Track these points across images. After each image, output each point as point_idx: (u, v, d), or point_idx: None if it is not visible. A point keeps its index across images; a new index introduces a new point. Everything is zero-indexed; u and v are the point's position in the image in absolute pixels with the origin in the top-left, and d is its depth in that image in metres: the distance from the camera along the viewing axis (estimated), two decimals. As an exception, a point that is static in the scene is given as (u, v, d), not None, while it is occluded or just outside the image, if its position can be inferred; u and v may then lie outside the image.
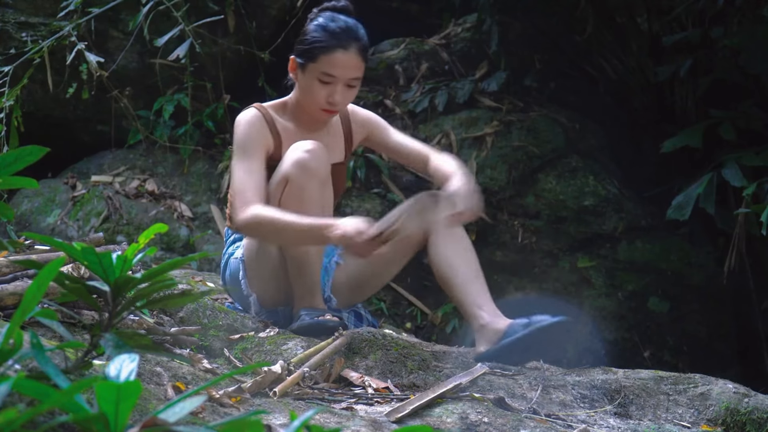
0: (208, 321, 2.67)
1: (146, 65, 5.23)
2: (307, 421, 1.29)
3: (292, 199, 2.84)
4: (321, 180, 2.86)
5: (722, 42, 5.05)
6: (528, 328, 2.66)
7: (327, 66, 2.87)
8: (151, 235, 1.81)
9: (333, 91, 2.88)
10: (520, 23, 5.82)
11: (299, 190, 2.82)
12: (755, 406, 2.47)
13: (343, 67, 2.87)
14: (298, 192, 2.82)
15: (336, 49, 2.87)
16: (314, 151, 2.85)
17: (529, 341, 2.63)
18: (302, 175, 2.82)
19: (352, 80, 2.91)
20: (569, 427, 2.27)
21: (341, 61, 2.87)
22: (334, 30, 2.90)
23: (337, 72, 2.87)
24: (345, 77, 2.88)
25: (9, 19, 5.11)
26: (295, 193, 2.82)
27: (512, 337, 2.66)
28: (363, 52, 2.92)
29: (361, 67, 2.91)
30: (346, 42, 2.88)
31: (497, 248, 4.98)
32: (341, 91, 2.89)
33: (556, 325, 2.66)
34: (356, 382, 2.43)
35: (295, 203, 2.83)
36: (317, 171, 2.84)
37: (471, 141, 5.41)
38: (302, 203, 2.82)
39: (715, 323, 5.04)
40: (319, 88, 2.90)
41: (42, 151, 1.72)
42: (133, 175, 5.20)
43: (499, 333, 2.71)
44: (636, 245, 5.15)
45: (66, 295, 1.78)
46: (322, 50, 2.88)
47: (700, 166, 4.93)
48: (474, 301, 2.80)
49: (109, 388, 1.21)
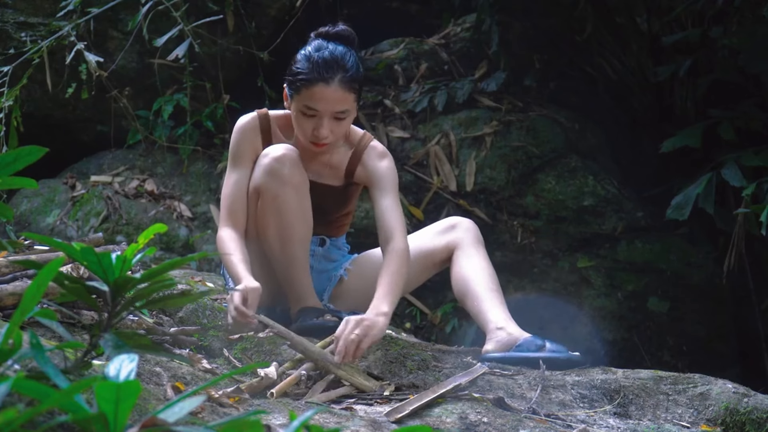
0: (207, 321, 2.67)
1: (145, 65, 5.22)
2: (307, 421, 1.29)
3: (267, 210, 2.83)
4: (295, 186, 2.81)
5: (722, 42, 5.05)
6: (540, 351, 2.68)
7: (308, 100, 2.77)
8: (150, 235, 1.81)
9: (318, 125, 2.78)
10: (520, 23, 5.82)
11: (273, 199, 2.79)
12: (755, 405, 2.47)
13: (324, 102, 2.76)
14: (272, 202, 2.80)
15: (317, 83, 2.75)
16: (284, 157, 2.80)
17: (535, 363, 2.64)
18: (274, 183, 2.79)
19: (338, 113, 2.78)
20: (569, 427, 2.27)
21: (322, 94, 2.75)
22: (317, 61, 2.77)
23: (319, 106, 2.76)
24: (328, 111, 2.77)
25: (8, 19, 5.11)
26: (269, 204, 2.81)
27: (523, 353, 2.69)
28: (349, 84, 2.77)
29: (347, 99, 2.78)
30: (327, 75, 2.75)
31: (497, 248, 4.98)
32: (327, 124, 2.78)
33: (567, 362, 2.69)
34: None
35: (272, 214, 2.82)
36: (290, 178, 2.79)
37: (470, 141, 5.41)
38: (279, 212, 2.81)
39: (714, 323, 5.04)
40: (304, 120, 2.80)
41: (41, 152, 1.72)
42: (133, 175, 5.20)
43: (512, 341, 2.73)
44: (635, 245, 5.15)
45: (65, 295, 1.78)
46: (304, 83, 2.77)
47: (700, 166, 4.93)
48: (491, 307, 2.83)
49: (109, 388, 1.21)
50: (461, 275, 2.92)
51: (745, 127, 4.86)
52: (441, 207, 5.20)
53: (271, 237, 2.87)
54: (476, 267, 2.91)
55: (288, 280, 2.92)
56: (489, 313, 2.82)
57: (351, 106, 2.80)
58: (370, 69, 5.94)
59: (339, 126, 2.81)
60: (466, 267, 2.92)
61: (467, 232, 2.99)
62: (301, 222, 2.85)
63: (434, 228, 3.07)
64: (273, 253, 2.90)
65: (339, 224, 3.08)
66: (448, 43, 6.15)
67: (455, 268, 2.95)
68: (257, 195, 2.84)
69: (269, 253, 2.91)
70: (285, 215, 2.81)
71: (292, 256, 2.87)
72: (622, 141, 5.73)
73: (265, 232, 2.87)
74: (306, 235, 2.89)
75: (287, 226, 2.83)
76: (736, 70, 5.00)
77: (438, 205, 5.22)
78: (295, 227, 2.84)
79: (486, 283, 2.87)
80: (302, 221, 2.85)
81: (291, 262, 2.88)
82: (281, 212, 2.80)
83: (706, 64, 5.25)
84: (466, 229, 3.00)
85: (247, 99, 5.18)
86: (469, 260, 2.93)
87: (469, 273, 2.90)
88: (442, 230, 3.03)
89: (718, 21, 5.20)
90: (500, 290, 2.90)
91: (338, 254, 3.10)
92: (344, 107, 2.78)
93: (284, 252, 2.87)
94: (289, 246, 2.86)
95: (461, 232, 2.99)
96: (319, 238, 3.03)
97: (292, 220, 2.82)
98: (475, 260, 2.92)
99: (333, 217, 3.03)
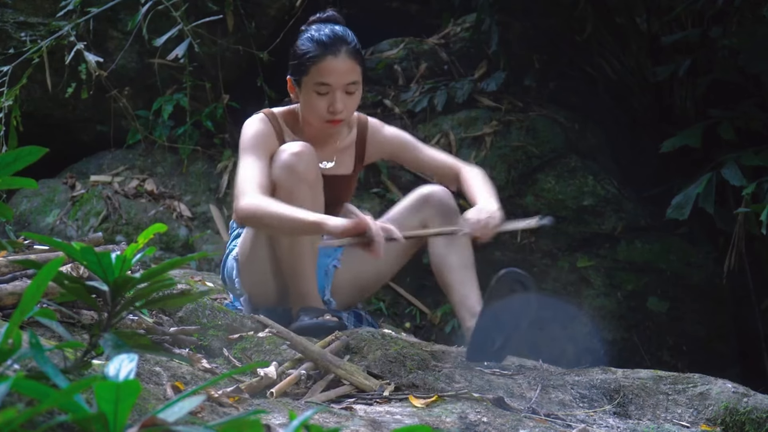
0: (207, 321, 2.66)
1: (145, 65, 5.22)
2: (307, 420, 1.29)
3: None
4: (310, 183, 2.83)
5: (721, 42, 5.05)
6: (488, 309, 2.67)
7: (319, 75, 2.83)
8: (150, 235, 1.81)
9: (333, 100, 2.83)
10: (520, 23, 5.82)
11: (288, 194, 2.80)
12: (754, 405, 2.47)
13: (336, 74, 2.83)
14: (287, 196, 2.80)
15: (325, 57, 2.83)
16: (302, 154, 2.82)
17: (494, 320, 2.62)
18: (291, 178, 2.80)
19: (349, 85, 2.85)
20: (568, 427, 2.27)
21: (333, 67, 2.83)
22: (320, 39, 2.85)
23: (331, 80, 2.83)
24: (340, 83, 2.83)
25: (8, 19, 5.11)
26: (284, 198, 2.80)
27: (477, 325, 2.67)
28: (355, 55, 2.86)
29: (355, 70, 2.86)
30: (333, 48, 2.83)
31: (496, 248, 4.98)
32: (341, 98, 2.84)
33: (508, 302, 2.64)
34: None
35: None
36: (306, 174, 2.81)
37: (470, 141, 5.41)
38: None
39: (714, 323, 5.04)
40: (318, 100, 2.85)
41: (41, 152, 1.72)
42: (132, 175, 5.20)
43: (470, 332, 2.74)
44: (635, 245, 5.15)
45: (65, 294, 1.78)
46: (312, 60, 2.83)
47: (700, 166, 4.93)
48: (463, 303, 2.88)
49: (108, 387, 1.21)
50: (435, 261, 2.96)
51: (745, 126, 4.86)
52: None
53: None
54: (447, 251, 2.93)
55: (294, 277, 2.91)
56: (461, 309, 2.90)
57: (359, 78, 2.87)
58: (370, 69, 5.94)
59: (351, 100, 2.88)
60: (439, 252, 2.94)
61: (438, 206, 2.99)
62: None
63: (407, 203, 3.06)
64: (282, 248, 2.89)
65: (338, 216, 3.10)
66: (447, 43, 6.15)
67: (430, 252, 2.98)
68: (272, 189, 2.84)
69: (278, 248, 2.90)
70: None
71: (300, 252, 2.88)
72: (622, 141, 5.73)
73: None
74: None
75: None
76: (735, 70, 5.00)
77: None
78: None
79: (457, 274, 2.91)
80: None
81: (299, 259, 2.88)
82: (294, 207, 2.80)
83: (706, 64, 5.25)
84: (437, 202, 2.99)
85: (247, 99, 5.18)
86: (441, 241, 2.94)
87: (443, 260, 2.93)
88: (414, 206, 3.03)
89: (717, 21, 5.20)
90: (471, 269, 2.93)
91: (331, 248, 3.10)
92: (354, 78, 2.85)
93: (293, 248, 2.87)
94: (300, 242, 2.86)
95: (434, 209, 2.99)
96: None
97: None
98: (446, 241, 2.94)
99: (339, 209, 3.05)
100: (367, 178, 5.22)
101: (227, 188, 5.15)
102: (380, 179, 5.24)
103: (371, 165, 5.20)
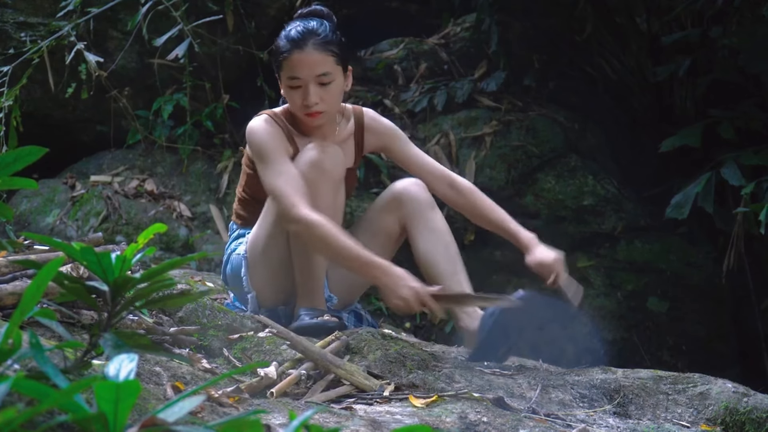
0: (207, 321, 2.66)
1: (145, 65, 5.22)
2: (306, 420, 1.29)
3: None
4: (335, 182, 2.87)
5: (721, 42, 5.05)
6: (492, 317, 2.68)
7: (290, 70, 2.86)
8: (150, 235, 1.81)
9: (306, 93, 2.85)
10: (520, 23, 5.82)
11: (313, 189, 2.80)
12: (754, 405, 2.47)
13: (303, 67, 2.84)
14: (312, 192, 2.80)
15: (292, 51, 2.85)
16: (331, 153, 2.85)
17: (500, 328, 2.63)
18: (317, 175, 2.82)
19: (321, 77, 2.85)
20: (568, 427, 2.27)
21: (299, 60, 2.84)
22: (289, 34, 2.88)
23: (300, 73, 2.85)
24: (310, 75, 2.84)
25: (8, 19, 5.11)
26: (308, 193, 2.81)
27: (483, 332, 2.68)
28: (323, 47, 2.85)
29: (325, 61, 2.85)
30: (300, 41, 2.85)
31: (496, 248, 4.98)
32: (314, 91, 2.84)
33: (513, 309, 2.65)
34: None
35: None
36: (332, 173, 2.85)
37: (470, 141, 5.41)
38: (315, 201, 2.80)
39: (714, 323, 5.04)
40: (292, 94, 2.88)
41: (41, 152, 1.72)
42: (132, 175, 5.20)
43: (474, 333, 2.73)
44: (635, 245, 5.15)
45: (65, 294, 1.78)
46: (282, 56, 2.88)
47: (699, 166, 4.93)
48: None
49: (108, 387, 1.21)
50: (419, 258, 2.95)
51: (744, 126, 4.87)
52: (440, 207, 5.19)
53: None
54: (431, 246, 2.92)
55: (304, 274, 2.90)
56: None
57: (332, 68, 2.86)
58: (370, 69, 5.95)
59: (327, 92, 2.87)
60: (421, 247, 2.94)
61: (412, 202, 2.98)
62: (332, 218, 2.83)
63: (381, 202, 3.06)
64: (297, 244, 2.88)
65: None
66: (447, 43, 6.15)
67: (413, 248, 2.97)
68: None
69: (294, 243, 2.89)
70: (320, 208, 2.79)
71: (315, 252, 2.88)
72: (622, 141, 5.73)
73: None
74: None
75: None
76: (735, 70, 5.00)
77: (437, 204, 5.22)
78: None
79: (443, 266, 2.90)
80: (333, 217, 2.83)
81: (313, 258, 2.88)
82: (317, 204, 2.79)
83: (706, 63, 5.25)
84: (410, 198, 2.99)
85: (247, 99, 5.18)
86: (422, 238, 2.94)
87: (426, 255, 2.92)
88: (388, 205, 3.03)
89: (717, 21, 5.20)
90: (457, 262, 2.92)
91: None
92: (324, 69, 2.85)
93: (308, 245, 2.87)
94: None
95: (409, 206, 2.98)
96: None
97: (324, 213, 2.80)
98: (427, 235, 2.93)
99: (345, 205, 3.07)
100: (367, 178, 5.22)
101: (227, 188, 5.15)
102: (380, 179, 5.24)
103: (371, 165, 5.22)
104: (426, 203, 2.98)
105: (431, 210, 2.98)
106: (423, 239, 2.94)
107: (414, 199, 2.98)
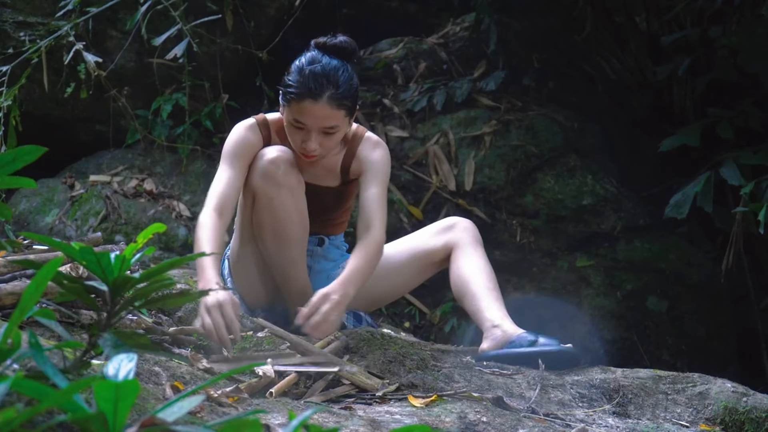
0: (206, 320, 2.66)
1: (144, 65, 5.22)
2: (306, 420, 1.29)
3: (263, 212, 2.83)
4: (291, 188, 2.81)
5: (721, 41, 5.05)
6: (533, 347, 2.68)
7: (297, 114, 2.74)
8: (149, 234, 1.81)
9: (307, 138, 2.75)
10: (519, 23, 5.82)
11: (268, 201, 2.79)
12: (754, 405, 2.47)
13: (312, 117, 2.73)
14: (267, 203, 2.80)
15: (305, 98, 2.71)
16: (279, 159, 2.78)
17: (529, 359, 2.65)
18: (269, 185, 2.78)
19: (326, 128, 2.75)
20: (568, 427, 2.27)
21: (310, 110, 2.72)
22: (307, 76, 2.72)
23: (306, 121, 2.74)
24: (316, 126, 2.74)
25: (7, 19, 5.11)
26: (264, 206, 2.80)
27: (516, 349, 2.69)
28: (337, 101, 2.72)
29: (335, 116, 2.73)
30: (316, 91, 2.70)
31: (496, 247, 4.98)
32: (315, 138, 2.75)
33: (560, 354, 2.69)
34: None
35: (267, 215, 2.82)
36: (285, 180, 2.79)
37: (469, 140, 5.41)
38: (274, 214, 2.81)
39: (713, 322, 5.04)
40: (294, 132, 2.78)
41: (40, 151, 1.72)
42: (132, 175, 5.19)
43: (506, 338, 2.73)
44: (634, 244, 5.15)
45: (64, 294, 1.77)
46: (293, 97, 2.73)
47: (699, 165, 4.94)
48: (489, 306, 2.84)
49: (108, 387, 1.21)
50: (459, 275, 2.93)
51: (744, 126, 4.86)
52: (440, 206, 5.20)
53: (268, 239, 2.87)
54: (474, 267, 2.92)
55: (286, 282, 2.92)
56: (486, 311, 2.83)
57: (340, 121, 2.76)
58: (369, 68, 5.94)
59: (328, 140, 2.78)
60: (464, 267, 2.93)
61: (465, 231, 2.99)
62: (297, 223, 2.85)
63: (432, 228, 3.08)
64: (270, 254, 2.90)
65: (337, 222, 3.09)
66: (447, 43, 6.15)
67: (453, 268, 2.96)
68: (252, 197, 2.84)
69: (266, 254, 2.91)
70: (280, 217, 2.81)
71: (289, 257, 2.88)
72: (621, 140, 5.73)
73: (262, 233, 2.87)
74: (302, 235, 2.90)
75: (283, 228, 2.84)
76: (735, 70, 5.00)
77: (437, 204, 5.22)
78: (291, 228, 2.85)
79: (483, 282, 2.88)
80: (298, 222, 2.85)
81: (288, 263, 2.89)
82: (277, 214, 2.81)
83: (705, 63, 5.25)
84: (464, 228, 3.00)
85: (246, 98, 5.18)
86: (468, 260, 2.93)
87: (467, 273, 2.91)
88: (440, 230, 3.04)
89: (717, 20, 5.20)
90: (498, 289, 2.91)
91: (337, 253, 3.10)
92: (332, 123, 2.75)
93: (280, 253, 2.88)
94: (285, 247, 2.87)
95: (459, 232, 2.99)
96: (318, 237, 3.03)
97: (287, 222, 2.82)
98: (473, 259, 2.93)
99: (331, 215, 3.04)
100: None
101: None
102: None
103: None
104: (475, 238, 3.00)
105: (478, 244, 2.98)
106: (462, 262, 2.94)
107: (466, 230, 3.00)
